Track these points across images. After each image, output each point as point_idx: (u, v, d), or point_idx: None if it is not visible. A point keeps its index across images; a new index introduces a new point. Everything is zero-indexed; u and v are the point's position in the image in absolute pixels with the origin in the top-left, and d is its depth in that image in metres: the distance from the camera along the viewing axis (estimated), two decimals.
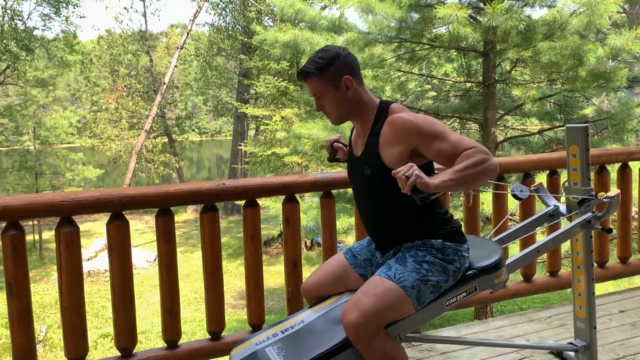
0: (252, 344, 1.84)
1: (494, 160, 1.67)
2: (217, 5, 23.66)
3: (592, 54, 6.55)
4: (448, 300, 1.84)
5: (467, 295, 1.87)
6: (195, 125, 46.54)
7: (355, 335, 1.69)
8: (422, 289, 1.77)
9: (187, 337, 10.12)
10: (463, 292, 1.86)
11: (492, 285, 1.91)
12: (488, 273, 1.87)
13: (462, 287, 1.85)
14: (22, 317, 2.16)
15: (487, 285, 1.89)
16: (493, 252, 1.95)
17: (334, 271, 2.01)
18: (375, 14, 7.38)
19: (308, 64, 1.83)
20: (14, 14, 20.74)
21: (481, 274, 1.87)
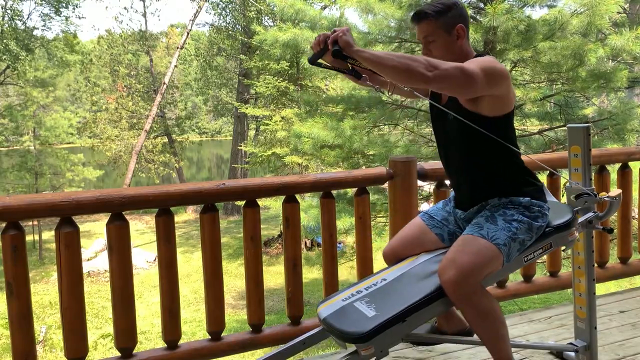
0: (338, 300, 1.89)
1: (444, 73, 1.65)
2: (217, 5, 23.68)
3: (592, 54, 6.55)
4: (527, 257, 1.93)
5: (543, 251, 1.97)
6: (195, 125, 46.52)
7: (454, 292, 1.75)
8: (511, 246, 1.84)
9: (187, 337, 10.12)
10: (540, 248, 1.96)
11: (567, 242, 2.02)
12: (563, 230, 1.98)
13: (540, 243, 1.95)
14: (22, 317, 2.16)
15: (561, 242, 2.00)
16: (565, 211, 2.06)
17: (412, 233, 2.09)
18: (375, 14, 7.38)
19: (426, 6, 1.89)
20: (14, 13, 20.74)
21: (556, 232, 1.97)
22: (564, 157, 3.07)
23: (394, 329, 1.73)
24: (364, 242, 2.73)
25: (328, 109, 9.73)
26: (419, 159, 4.42)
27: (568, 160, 2.28)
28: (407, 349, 2.60)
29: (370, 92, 8.73)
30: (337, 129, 7.96)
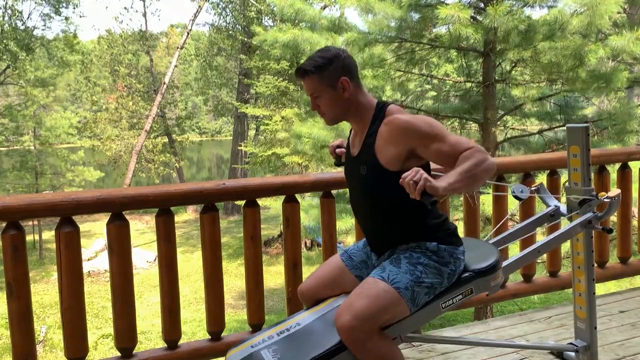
0: (247, 346, 1.84)
1: (492, 159, 1.68)
2: (217, 5, 23.67)
3: (592, 55, 6.55)
4: (444, 302, 1.84)
5: (463, 297, 1.87)
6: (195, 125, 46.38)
7: (348, 338, 1.68)
8: (416, 291, 1.76)
9: (187, 337, 10.13)
10: (459, 294, 1.85)
11: (489, 288, 1.91)
12: (484, 275, 1.87)
13: (459, 289, 1.85)
14: (22, 317, 2.16)
15: (483, 288, 1.89)
16: (489, 254, 1.95)
17: (330, 273, 2.00)
18: (375, 14, 7.38)
19: (307, 62, 1.83)
20: (14, 13, 20.74)
21: (477, 277, 1.87)
22: (563, 157, 3.07)
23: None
24: None
25: None
26: None
27: (567, 160, 2.28)
28: (407, 349, 2.61)
29: (370, 91, 8.72)
30: (336, 129, 7.95)
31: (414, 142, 1.74)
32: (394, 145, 1.76)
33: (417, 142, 1.74)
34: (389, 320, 1.75)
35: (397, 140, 1.75)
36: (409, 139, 1.74)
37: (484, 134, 7.89)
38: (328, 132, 7.94)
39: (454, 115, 8.74)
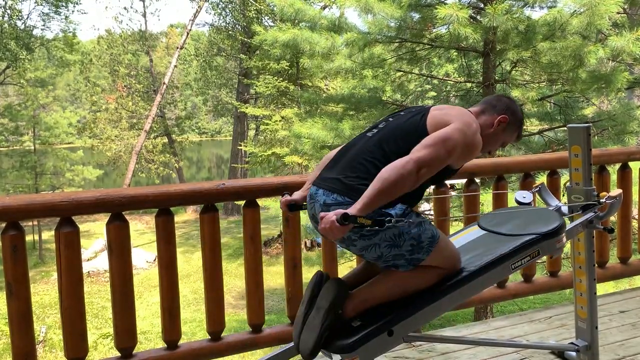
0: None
1: (409, 167, 1.70)
2: (217, 5, 23.67)
3: (592, 55, 6.55)
4: (513, 264, 1.93)
5: (530, 259, 1.96)
6: (195, 125, 46.54)
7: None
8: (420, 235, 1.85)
9: (187, 337, 10.12)
10: (527, 255, 1.95)
11: (554, 250, 2.00)
12: (550, 237, 1.98)
13: (526, 251, 1.94)
14: (22, 317, 2.16)
15: (548, 250, 1.99)
16: (553, 218, 2.05)
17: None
18: (375, 14, 7.37)
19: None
20: (14, 13, 20.74)
21: (544, 239, 1.96)
22: (564, 157, 3.07)
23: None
24: None
25: (328, 108, 9.73)
26: None
27: (569, 160, 2.28)
28: (407, 349, 2.61)
29: (370, 91, 8.73)
30: (336, 129, 7.96)
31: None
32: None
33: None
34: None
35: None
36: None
37: None
38: (328, 132, 7.95)
39: None
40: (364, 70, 8.17)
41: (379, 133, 1.91)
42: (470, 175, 2.91)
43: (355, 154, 1.89)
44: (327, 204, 1.80)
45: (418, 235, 1.81)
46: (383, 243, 1.78)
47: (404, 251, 1.80)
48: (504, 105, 2.01)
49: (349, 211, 1.64)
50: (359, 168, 1.83)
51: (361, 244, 1.80)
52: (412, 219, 1.81)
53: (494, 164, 3.03)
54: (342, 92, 9.97)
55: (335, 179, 1.85)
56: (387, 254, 1.80)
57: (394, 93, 9.59)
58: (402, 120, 1.92)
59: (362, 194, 1.73)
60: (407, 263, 1.83)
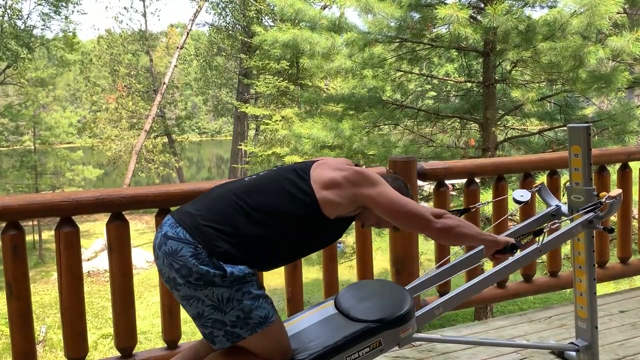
0: None
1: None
2: (217, 5, 23.67)
3: (592, 55, 6.55)
4: (349, 356, 1.71)
5: (370, 350, 1.73)
6: (195, 125, 46.53)
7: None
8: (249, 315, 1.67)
9: (187, 337, 10.07)
10: (366, 347, 1.72)
11: (399, 340, 1.77)
12: (392, 327, 1.74)
13: (365, 341, 1.72)
14: (22, 317, 2.16)
15: (393, 340, 1.76)
16: (404, 302, 1.81)
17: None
18: (375, 14, 7.38)
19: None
20: (14, 12, 20.74)
21: (385, 328, 1.74)
22: (563, 157, 3.07)
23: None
24: (364, 242, 2.73)
25: (328, 108, 9.73)
26: (419, 159, 4.42)
27: (569, 160, 2.28)
28: (407, 349, 2.61)
29: (370, 91, 8.73)
30: (336, 129, 7.96)
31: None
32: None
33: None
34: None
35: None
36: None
37: (484, 134, 7.89)
38: (328, 132, 7.95)
39: (454, 115, 8.75)
40: (364, 70, 8.16)
41: (254, 182, 1.78)
42: (470, 175, 2.91)
43: (222, 194, 1.76)
44: (167, 236, 1.66)
45: (249, 310, 1.61)
46: (207, 300, 1.60)
47: (227, 320, 1.60)
48: (396, 186, 1.84)
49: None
50: (217, 210, 1.69)
51: (184, 292, 1.61)
52: (251, 288, 1.63)
53: (494, 164, 3.04)
54: (342, 92, 9.98)
55: (188, 213, 1.71)
56: (207, 314, 1.61)
57: (394, 93, 9.58)
58: (278, 175, 1.78)
59: (205, 235, 1.62)
60: (225, 336, 1.62)
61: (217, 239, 1.61)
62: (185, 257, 1.59)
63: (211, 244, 1.61)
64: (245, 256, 1.63)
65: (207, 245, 1.60)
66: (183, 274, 1.59)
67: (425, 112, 8.68)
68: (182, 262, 1.59)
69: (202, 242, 1.61)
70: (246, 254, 1.63)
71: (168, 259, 1.62)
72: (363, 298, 1.90)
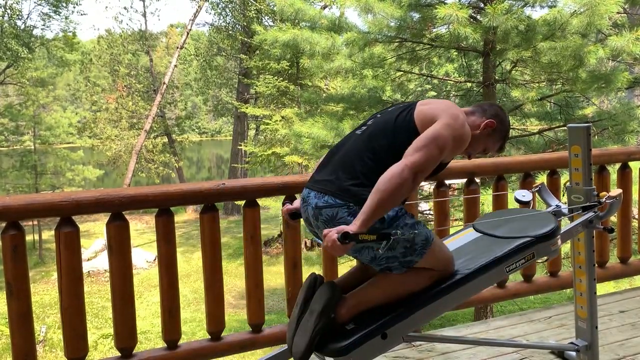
0: None
1: (405, 174, 1.69)
2: (217, 5, 23.67)
3: (592, 55, 6.55)
4: (508, 267, 1.92)
5: (525, 261, 1.95)
6: (195, 125, 46.54)
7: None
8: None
9: (187, 337, 10.12)
10: (522, 258, 1.94)
11: (549, 252, 2.00)
12: (545, 240, 1.97)
13: (521, 253, 1.93)
14: (22, 317, 2.16)
15: (544, 252, 1.98)
16: (548, 221, 2.05)
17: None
18: (375, 14, 7.38)
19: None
20: (14, 12, 20.75)
21: (538, 241, 1.95)
22: (564, 157, 3.07)
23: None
24: None
25: (328, 107, 9.73)
26: None
27: (569, 160, 2.28)
28: (407, 349, 2.61)
29: (370, 91, 8.73)
30: (336, 128, 7.95)
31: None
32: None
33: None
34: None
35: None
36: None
37: None
38: (328, 132, 7.95)
39: None
40: (364, 70, 8.16)
41: (368, 130, 1.91)
42: (470, 175, 2.91)
43: (345, 153, 1.89)
44: (319, 206, 1.80)
45: (411, 238, 1.79)
46: (376, 245, 1.77)
47: (397, 253, 1.79)
48: (494, 111, 2.01)
49: (348, 229, 1.64)
50: (349, 168, 1.82)
51: (355, 246, 1.78)
52: (406, 220, 1.80)
53: (494, 164, 3.03)
54: (342, 92, 9.98)
55: (326, 181, 1.85)
56: (380, 256, 1.79)
57: (394, 93, 9.58)
58: (390, 116, 1.92)
59: (353, 194, 1.74)
60: (401, 265, 1.82)
61: (362, 192, 1.74)
62: (344, 217, 1.75)
63: (360, 198, 1.74)
64: None
65: (357, 201, 1.75)
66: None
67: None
68: (344, 223, 1.72)
69: (352, 200, 1.76)
70: None
71: (329, 226, 1.76)
72: (503, 223, 2.13)
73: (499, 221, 2.17)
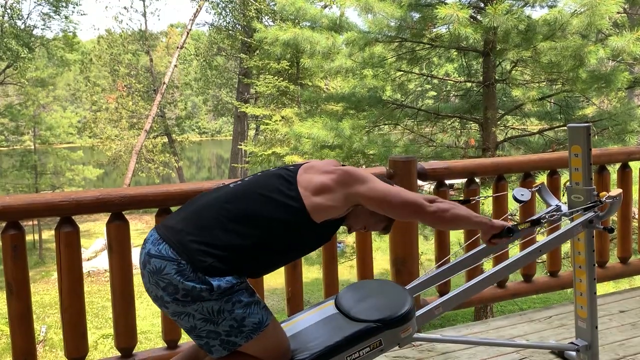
0: None
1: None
2: (217, 4, 23.67)
3: (592, 55, 6.55)
4: (350, 356, 1.71)
5: (370, 350, 1.73)
6: (195, 125, 46.50)
7: None
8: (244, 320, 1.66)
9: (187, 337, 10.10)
10: (366, 346, 1.73)
11: (399, 340, 1.78)
12: (393, 327, 1.75)
13: (365, 341, 1.72)
14: (22, 317, 2.16)
15: (393, 340, 1.76)
16: (404, 302, 1.81)
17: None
18: (375, 14, 7.38)
19: None
20: (14, 12, 20.75)
21: (385, 328, 1.74)
22: (564, 157, 3.07)
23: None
24: (364, 242, 2.73)
25: (328, 107, 9.73)
26: (419, 158, 4.42)
27: (569, 159, 2.27)
28: (407, 349, 2.61)
29: (370, 91, 8.73)
30: (336, 128, 7.96)
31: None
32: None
33: None
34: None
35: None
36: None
37: (484, 134, 7.89)
38: (328, 132, 7.95)
39: (454, 115, 8.75)
40: (364, 70, 8.17)
41: (237, 188, 1.76)
42: (470, 174, 2.91)
43: (204, 205, 1.74)
44: (151, 254, 1.64)
45: (241, 318, 1.60)
46: (198, 315, 1.59)
47: (221, 330, 1.60)
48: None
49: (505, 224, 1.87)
50: (201, 223, 1.67)
51: (173, 309, 1.61)
52: (241, 297, 1.61)
53: (494, 164, 3.03)
54: (342, 92, 9.98)
55: (172, 228, 1.68)
56: (200, 327, 1.61)
57: (394, 93, 9.59)
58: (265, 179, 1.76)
59: (189, 251, 1.59)
60: (221, 346, 1.62)
61: (201, 254, 1.59)
62: (169, 274, 1.58)
63: (195, 258, 1.58)
64: (231, 267, 1.61)
65: (191, 261, 1.58)
66: (170, 291, 1.58)
67: (425, 112, 8.68)
68: (168, 280, 1.57)
69: (186, 258, 1.58)
70: (232, 265, 1.61)
71: (154, 278, 1.61)
72: (363, 298, 1.90)
73: (364, 293, 1.94)
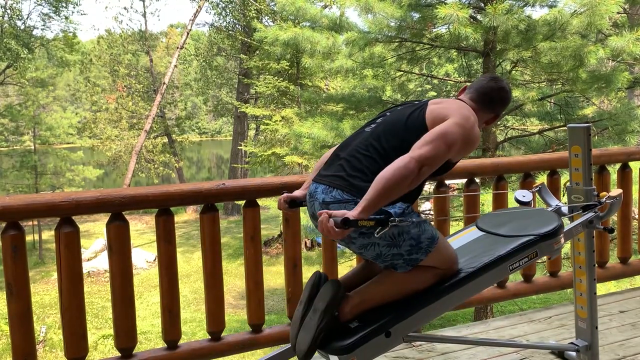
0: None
1: (410, 166, 1.68)
2: (217, 5, 23.67)
3: (592, 55, 6.55)
4: (511, 265, 1.93)
5: (528, 260, 1.96)
6: (195, 125, 46.54)
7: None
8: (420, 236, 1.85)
9: (187, 337, 10.12)
10: (525, 257, 1.94)
11: (552, 251, 2.00)
12: (548, 239, 1.97)
13: (524, 252, 1.94)
14: (22, 317, 2.16)
15: (547, 251, 1.99)
16: (552, 220, 2.05)
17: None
18: (375, 14, 7.38)
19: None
20: (14, 13, 20.76)
21: (541, 240, 1.96)
22: (564, 157, 3.07)
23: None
24: None
25: (328, 107, 9.73)
26: None
27: (569, 160, 2.27)
28: (407, 349, 2.61)
29: (370, 91, 8.73)
30: (336, 129, 7.95)
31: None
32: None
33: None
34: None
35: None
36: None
37: (484, 134, 7.89)
38: (328, 132, 7.94)
39: None
40: (364, 70, 8.17)
41: (377, 128, 1.90)
42: (470, 175, 2.91)
43: (353, 150, 1.87)
44: (326, 202, 1.78)
45: (417, 236, 1.80)
46: (382, 242, 1.77)
47: (403, 251, 1.79)
48: (500, 101, 2.00)
49: (350, 215, 1.62)
50: (357, 165, 1.81)
51: (360, 242, 1.78)
52: (412, 218, 1.79)
53: (494, 164, 3.03)
54: (342, 92, 9.98)
55: (334, 176, 1.83)
56: (386, 253, 1.79)
57: (394, 93, 9.59)
58: (400, 115, 1.90)
59: (361, 190, 1.72)
60: (405, 263, 1.82)
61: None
62: None
63: None
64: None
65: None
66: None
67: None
68: None
69: (360, 196, 1.71)
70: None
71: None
72: (506, 221, 2.15)
73: (502, 219, 2.17)
